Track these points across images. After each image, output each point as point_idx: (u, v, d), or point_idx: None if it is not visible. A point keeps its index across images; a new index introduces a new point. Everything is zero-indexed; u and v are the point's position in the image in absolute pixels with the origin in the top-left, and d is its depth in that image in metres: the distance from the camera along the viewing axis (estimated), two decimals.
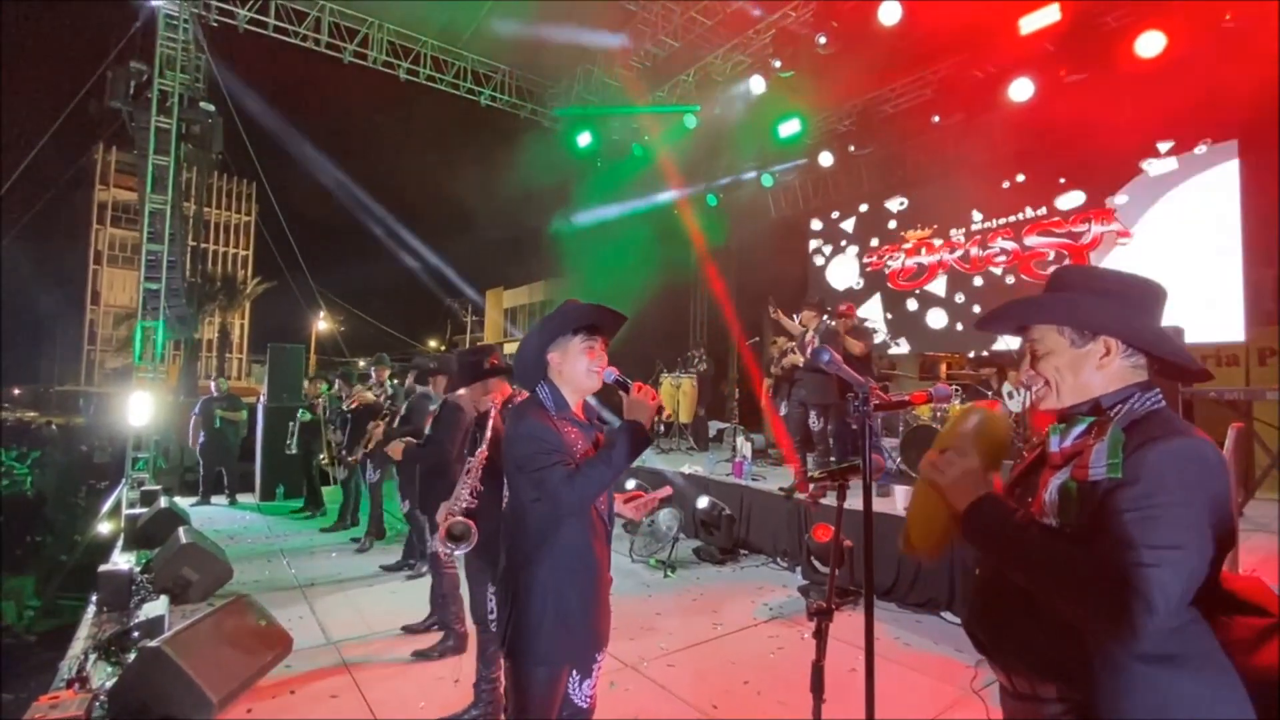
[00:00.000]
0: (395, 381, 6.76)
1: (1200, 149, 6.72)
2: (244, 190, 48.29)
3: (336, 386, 7.05)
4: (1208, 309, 6.34)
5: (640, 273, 11.56)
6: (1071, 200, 7.71)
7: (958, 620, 4.11)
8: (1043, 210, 7.95)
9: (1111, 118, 6.90)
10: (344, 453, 6.44)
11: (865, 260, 10.00)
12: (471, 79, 9.65)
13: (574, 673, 1.82)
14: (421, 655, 3.57)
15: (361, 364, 11.10)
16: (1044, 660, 1.08)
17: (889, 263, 9.64)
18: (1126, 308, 1.13)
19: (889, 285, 9.65)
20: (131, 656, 3.14)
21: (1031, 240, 8.03)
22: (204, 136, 8.83)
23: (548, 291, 18.35)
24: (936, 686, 3.26)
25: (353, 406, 6.38)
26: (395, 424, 5.12)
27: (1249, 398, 5.17)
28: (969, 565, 1.30)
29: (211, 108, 8.72)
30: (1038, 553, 1.04)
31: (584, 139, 10.07)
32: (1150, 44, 6.04)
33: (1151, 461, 0.99)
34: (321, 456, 7.18)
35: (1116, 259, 7.21)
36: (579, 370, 1.78)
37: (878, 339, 9.51)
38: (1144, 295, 1.15)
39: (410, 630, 3.91)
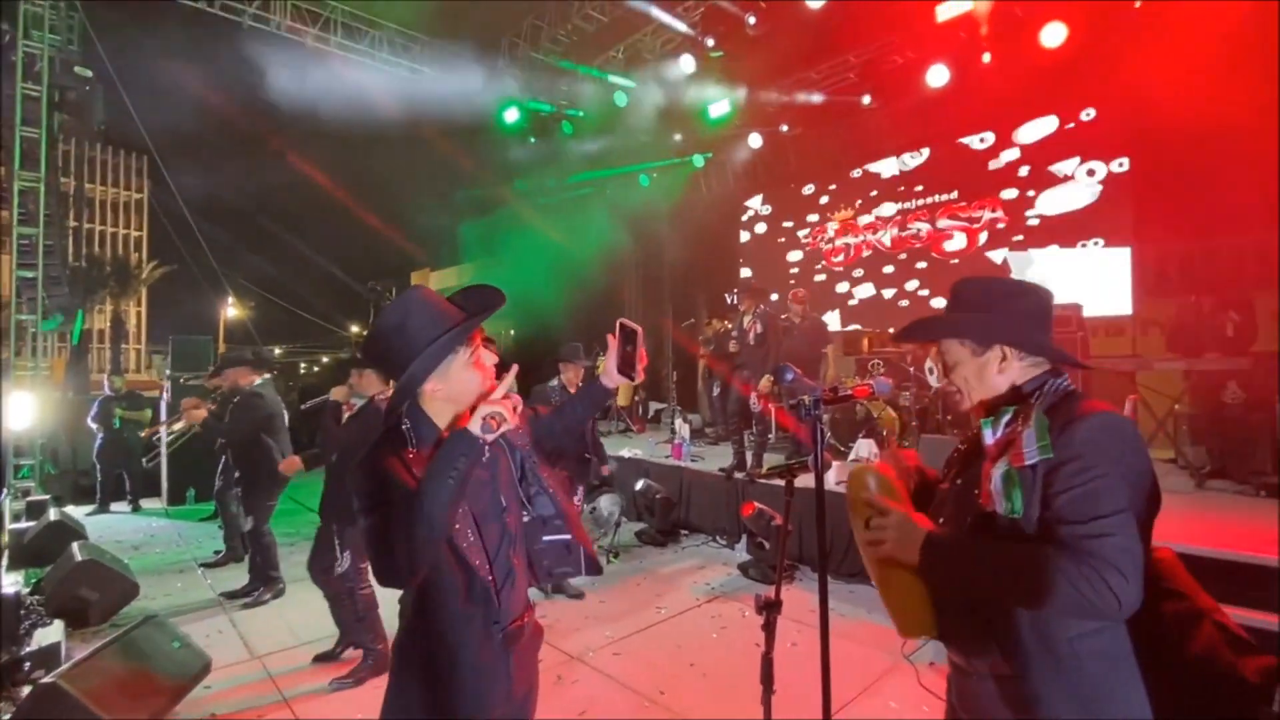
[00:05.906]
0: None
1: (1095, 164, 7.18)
2: (133, 165, 44.03)
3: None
4: (1099, 285, 6.92)
5: (571, 253, 11.41)
6: (976, 184, 8.14)
7: None
8: (954, 194, 8.38)
9: (1020, 105, 7.33)
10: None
11: (797, 239, 10.23)
12: (388, 48, 9.10)
13: None
14: (340, 684, 3.21)
15: (278, 351, 10.41)
16: (989, 643, 1.16)
17: (821, 244, 9.90)
18: (1012, 316, 1.25)
19: (819, 264, 9.92)
20: (25, 691, 2.85)
21: (943, 223, 8.46)
22: (81, 105, 7.94)
23: (477, 274, 17.80)
24: (870, 654, 3.42)
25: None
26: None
27: (1137, 367, 5.66)
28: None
29: (89, 73, 7.84)
30: (1002, 562, 1.08)
31: (511, 115, 9.72)
32: (1054, 34, 6.40)
33: (1079, 438, 1.07)
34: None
35: (1018, 242, 7.69)
36: (470, 389, 1.40)
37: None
38: (1028, 301, 1.26)
39: (323, 659, 3.50)
